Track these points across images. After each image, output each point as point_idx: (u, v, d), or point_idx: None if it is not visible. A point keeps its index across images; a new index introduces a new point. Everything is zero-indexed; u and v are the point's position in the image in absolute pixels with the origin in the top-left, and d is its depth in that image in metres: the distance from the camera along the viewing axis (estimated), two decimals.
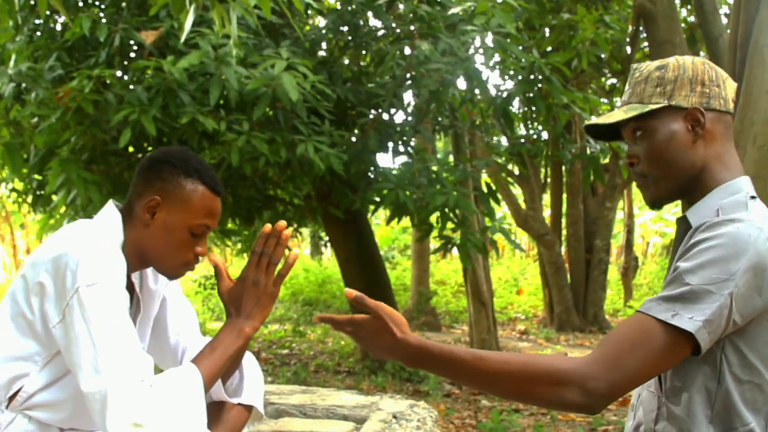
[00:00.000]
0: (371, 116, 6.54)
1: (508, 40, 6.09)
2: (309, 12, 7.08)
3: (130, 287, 1.97)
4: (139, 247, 1.94)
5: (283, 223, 1.92)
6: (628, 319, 1.50)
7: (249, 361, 2.20)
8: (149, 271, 2.09)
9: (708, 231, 1.50)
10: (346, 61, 7.51)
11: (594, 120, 1.71)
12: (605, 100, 11.12)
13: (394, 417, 3.02)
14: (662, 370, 1.51)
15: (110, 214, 1.95)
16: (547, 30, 8.76)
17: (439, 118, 7.37)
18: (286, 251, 1.98)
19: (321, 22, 7.70)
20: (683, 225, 1.66)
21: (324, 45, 7.18)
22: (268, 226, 1.92)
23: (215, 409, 2.09)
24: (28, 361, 1.84)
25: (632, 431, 1.70)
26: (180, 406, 1.72)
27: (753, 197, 1.59)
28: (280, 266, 1.95)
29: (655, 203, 1.69)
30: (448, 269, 19.95)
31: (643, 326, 1.46)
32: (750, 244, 1.44)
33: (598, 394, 1.43)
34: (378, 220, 19.60)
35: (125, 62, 6.06)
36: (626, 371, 1.44)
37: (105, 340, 1.70)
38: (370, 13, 6.76)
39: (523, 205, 11.86)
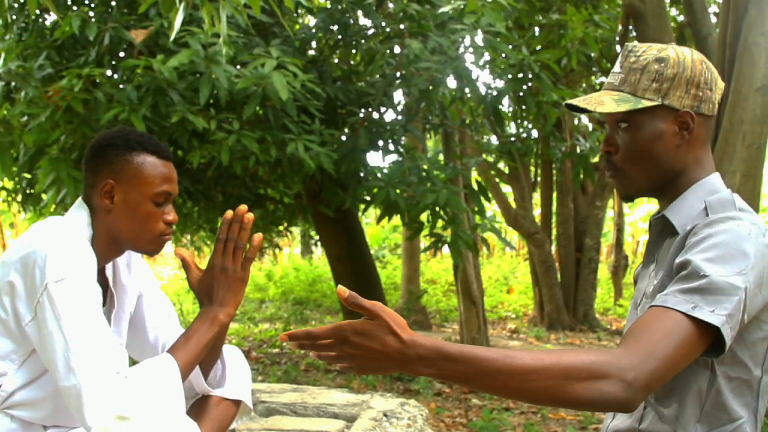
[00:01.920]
0: (361, 115, 6.53)
1: (498, 39, 6.10)
2: (299, 11, 7.09)
3: (104, 282, 1.97)
4: (111, 235, 1.94)
5: (244, 207, 1.92)
6: (645, 314, 1.41)
7: (233, 354, 2.20)
8: (122, 265, 2.09)
9: (708, 228, 1.48)
10: (336, 60, 7.51)
11: (584, 103, 1.62)
12: None
13: (385, 415, 3.03)
14: (688, 363, 1.39)
15: (78, 210, 1.96)
16: (536, 29, 8.77)
17: (429, 117, 7.37)
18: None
19: (311, 20, 7.70)
20: (659, 224, 1.66)
21: (314, 44, 7.18)
22: (229, 212, 1.92)
23: (202, 405, 2.09)
24: (6, 360, 1.85)
25: (614, 430, 1.68)
26: (157, 395, 1.72)
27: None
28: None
29: (629, 197, 1.68)
30: (438, 268, 19.96)
31: (667, 317, 1.37)
32: (750, 241, 1.44)
33: (638, 386, 1.31)
34: (368, 219, 19.60)
35: (115, 61, 6.05)
36: (662, 360, 1.33)
37: (76, 334, 1.70)
38: (360, 12, 6.76)
39: (513, 204, 11.86)
